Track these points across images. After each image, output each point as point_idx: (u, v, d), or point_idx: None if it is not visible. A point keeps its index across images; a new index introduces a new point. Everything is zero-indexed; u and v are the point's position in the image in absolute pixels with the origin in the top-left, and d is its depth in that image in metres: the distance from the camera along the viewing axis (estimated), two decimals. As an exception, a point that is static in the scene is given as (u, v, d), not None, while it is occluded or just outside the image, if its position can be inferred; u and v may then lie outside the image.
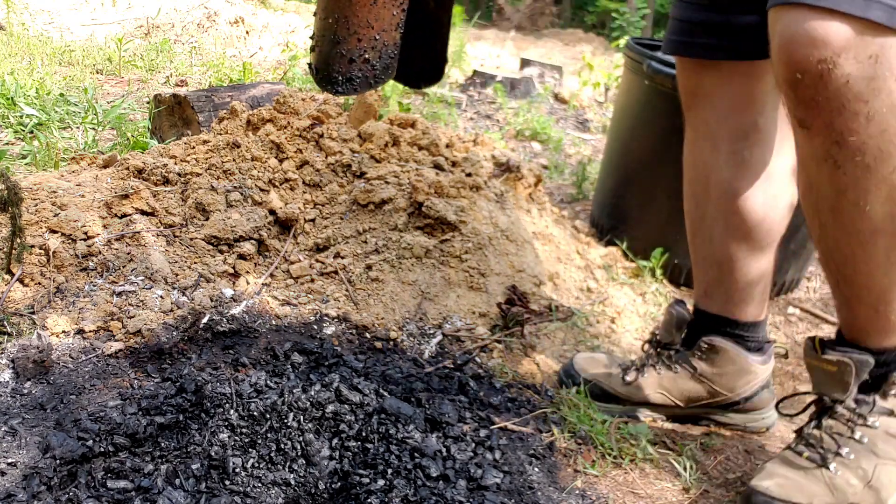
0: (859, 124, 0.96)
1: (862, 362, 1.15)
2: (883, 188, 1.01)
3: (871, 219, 1.04)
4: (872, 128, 0.96)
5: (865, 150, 0.98)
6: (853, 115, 0.96)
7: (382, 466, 1.16)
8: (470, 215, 1.84)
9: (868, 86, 0.94)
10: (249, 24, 5.26)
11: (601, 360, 1.55)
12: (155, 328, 1.39)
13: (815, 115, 0.99)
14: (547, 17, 12.01)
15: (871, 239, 1.06)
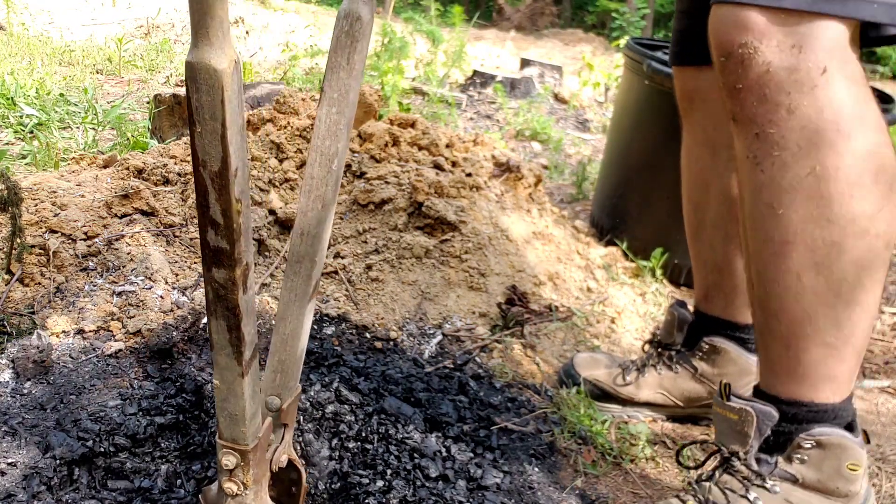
0: (780, 116, 0.92)
1: (764, 413, 1.04)
2: (799, 191, 0.94)
3: (784, 226, 0.97)
4: (793, 122, 0.92)
5: (784, 145, 0.93)
6: (774, 106, 0.92)
7: (382, 467, 1.16)
8: (470, 215, 1.84)
9: (790, 76, 0.90)
10: (249, 24, 5.27)
11: (601, 360, 1.55)
12: (155, 328, 1.39)
13: (739, 105, 0.96)
14: (547, 17, 12.01)
15: (783, 251, 0.98)
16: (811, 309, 0.99)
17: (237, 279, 0.68)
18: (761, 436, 1.06)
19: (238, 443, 0.80)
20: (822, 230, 0.95)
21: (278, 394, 0.90)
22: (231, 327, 0.72)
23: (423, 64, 4.47)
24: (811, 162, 0.92)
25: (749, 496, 1.06)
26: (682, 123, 1.43)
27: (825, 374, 1.02)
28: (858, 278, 0.96)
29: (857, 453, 1.04)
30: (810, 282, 0.98)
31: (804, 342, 1.01)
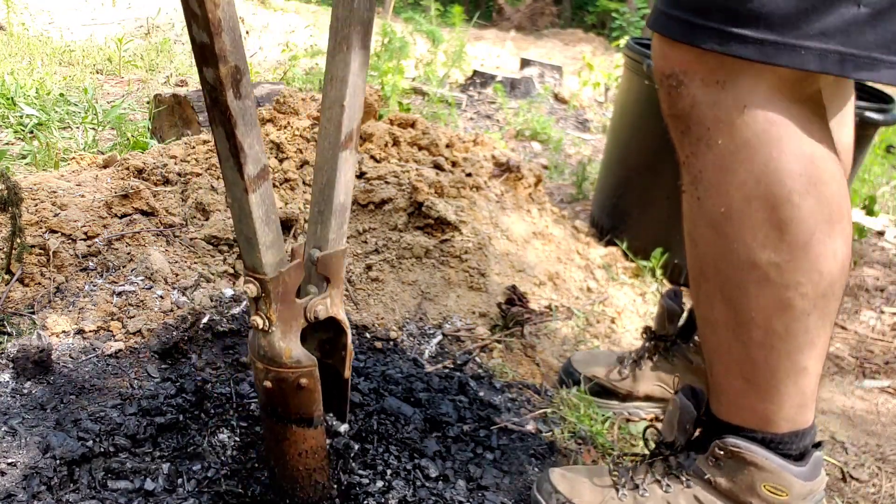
0: (700, 150, 0.91)
1: (685, 408, 1.07)
2: (709, 228, 0.93)
3: (698, 257, 0.97)
4: (710, 157, 0.90)
5: (700, 178, 0.92)
6: (696, 139, 0.91)
7: (382, 467, 1.16)
8: (470, 215, 1.84)
9: (711, 112, 0.88)
10: (249, 24, 5.26)
11: (599, 356, 1.55)
12: (155, 328, 1.39)
13: (672, 131, 0.96)
14: (547, 17, 12.01)
15: (699, 282, 0.99)
16: (724, 340, 0.99)
17: (223, 78, 0.69)
18: (685, 430, 1.09)
19: (257, 271, 0.80)
20: (728, 269, 0.94)
21: (318, 245, 0.88)
22: (228, 134, 0.72)
23: (423, 64, 4.47)
24: (721, 201, 0.91)
25: (663, 481, 1.10)
26: None
27: (749, 407, 1.02)
28: (769, 324, 0.93)
29: (779, 477, 1.02)
30: (721, 315, 0.97)
31: (723, 371, 1.02)
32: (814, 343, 0.95)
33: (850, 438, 1.54)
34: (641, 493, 1.11)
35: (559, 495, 1.12)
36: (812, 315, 0.93)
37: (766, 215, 0.89)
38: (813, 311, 0.92)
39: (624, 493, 1.11)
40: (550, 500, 1.13)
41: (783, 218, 0.88)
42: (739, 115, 0.86)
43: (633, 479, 1.12)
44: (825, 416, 1.64)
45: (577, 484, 1.13)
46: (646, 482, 1.11)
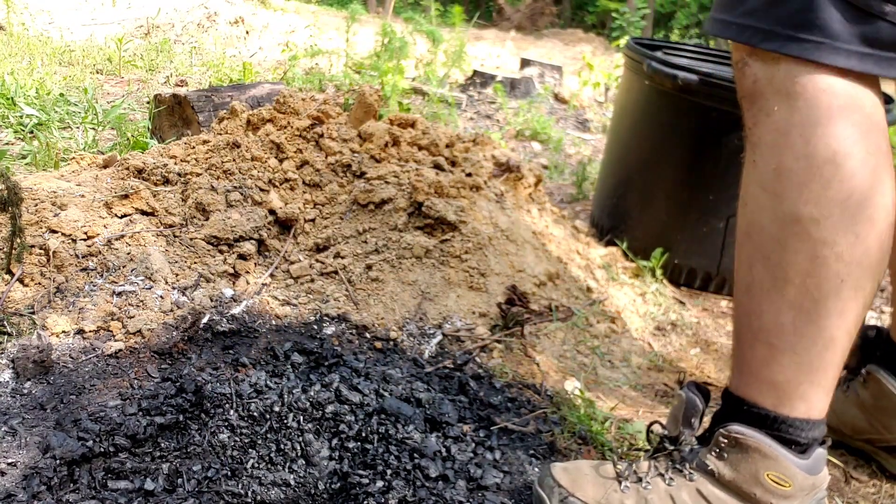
0: (760, 119, 1.02)
1: (690, 402, 1.08)
2: (760, 186, 1.02)
3: (745, 217, 1.05)
4: (769, 124, 1.00)
5: (758, 144, 1.02)
6: (758, 110, 1.02)
7: (382, 467, 1.16)
8: (470, 215, 1.84)
9: (770, 84, 1.00)
10: (249, 24, 5.27)
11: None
12: (155, 328, 1.39)
13: (744, 112, 1.06)
14: (547, 17, 12.01)
15: (743, 241, 1.06)
16: (757, 303, 1.03)
17: None
18: (689, 424, 1.10)
19: None
20: (771, 224, 1.01)
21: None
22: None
23: (423, 64, 4.47)
24: (774, 160, 1.00)
25: (665, 475, 1.10)
26: None
27: (767, 379, 1.04)
28: (803, 283, 0.99)
29: (783, 466, 1.02)
30: (758, 274, 1.03)
31: (749, 337, 1.05)
32: (843, 313, 0.99)
33: (850, 438, 1.54)
34: (644, 486, 1.11)
35: (561, 490, 1.12)
36: (846, 282, 0.98)
37: (811, 172, 0.97)
38: (847, 278, 0.98)
39: (627, 485, 1.11)
40: (553, 494, 1.12)
41: (827, 175, 0.96)
42: (793, 86, 0.98)
43: (636, 473, 1.12)
44: (825, 416, 1.64)
45: (580, 478, 1.13)
46: (649, 475, 1.11)
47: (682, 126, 2.09)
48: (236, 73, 3.66)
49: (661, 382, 1.68)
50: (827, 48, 0.95)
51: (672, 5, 13.10)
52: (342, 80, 3.74)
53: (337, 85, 3.72)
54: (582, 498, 1.11)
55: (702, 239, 2.12)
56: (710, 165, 2.05)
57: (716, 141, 2.02)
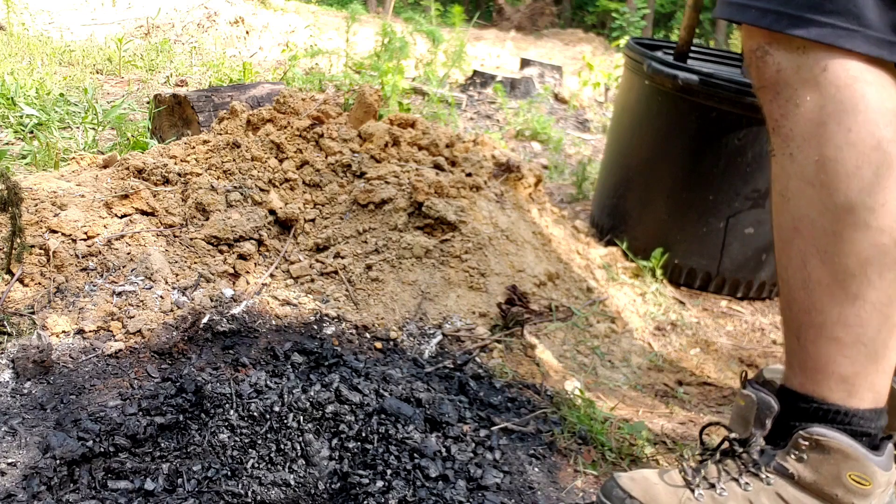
0: (789, 110, 0.99)
1: (764, 403, 1.05)
2: (803, 179, 0.99)
3: (790, 213, 1.02)
4: (799, 115, 0.98)
5: (792, 136, 0.99)
6: (784, 101, 0.99)
7: (382, 467, 1.16)
8: (470, 215, 1.84)
9: (796, 74, 0.97)
10: (249, 24, 5.27)
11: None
12: (155, 328, 1.39)
13: (762, 103, 1.03)
14: (547, 17, 12.01)
15: (791, 237, 1.02)
16: (817, 299, 1.00)
17: None
18: (762, 425, 1.06)
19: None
20: (822, 218, 0.97)
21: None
22: None
23: (423, 64, 4.47)
24: (814, 152, 0.97)
25: (740, 480, 1.07)
26: None
27: (836, 373, 1.01)
28: (864, 273, 0.96)
29: (864, 466, 1.00)
30: (815, 270, 0.99)
31: (812, 333, 1.02)
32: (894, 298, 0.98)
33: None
34: (720, 492, 1.07)
35: (633, 500, 1.08)
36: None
37: (859, 161, 0.94)
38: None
39: (700, 493, 1.08)
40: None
41: (876, 162, 0.94)
42: (822, 73, 0.95)
43: (707, 479, 1.09)
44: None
45: (650, 487, 1.09)
46: (722, 481, 1.08)
47: (682, 126, 2.09)
48: (236, 73, 3.66)
49: (661, 382, 1.68)
50: (860, 36, 0.92)
51: (672, 5, 13.10)
52: (342, 80, 3.74)
53: (337, 85, 3.72)
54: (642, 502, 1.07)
55: (702, 239, 2.12)
56: (710, 165, 2.05)
57: (716, 141, 2.02)
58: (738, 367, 1.81)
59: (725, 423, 1.15)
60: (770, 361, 1.83)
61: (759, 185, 2.03)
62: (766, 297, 2.22)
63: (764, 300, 2.22)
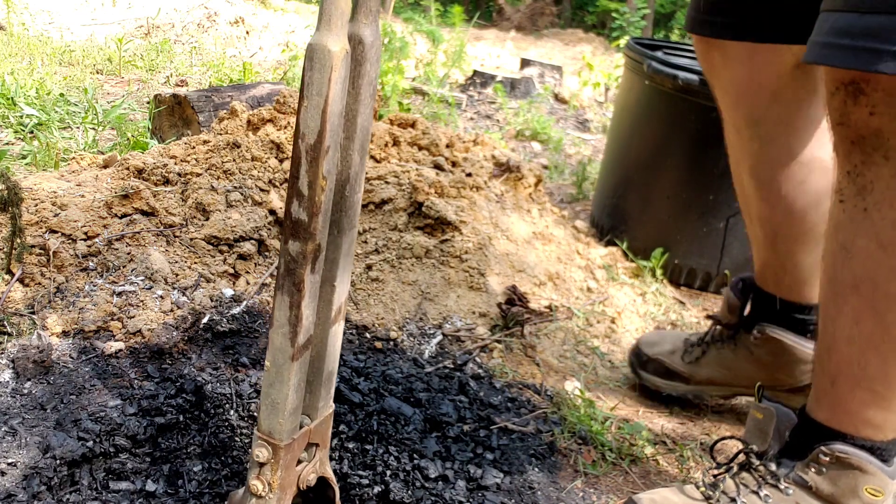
0: (874, 161, 0.91)
1: (785, 415, 1.07)
2: (874, 239, 0.93)
3: (851, 270, 0.97)
4: (885, 170, 0.90)
5: (872, 189, 0.92)
6: (871, 150, 0.91)
7: (381, 467, 1.16)
8: (470, 215, 1.84)
9: (892, 123, 0.88)
10: (249, 24, 5.26)
11: (667, 337, 1.57)
12: (155, 328, 1.39)
13: (839, 140, 0.96)
14: (547, 17, 12.01)
15: (846, 293, 0.98)
16: (862, 355, 0.98)
17: (307, 254, 0.74)
18: (780, 438, 1.07)
19: (273, 436, 0.82)
20: (887, 283, 0.93)
21: (308, 413, 0.90)
22: (293, 304, 0.76)
23: (423, 64, 4.47)
24: (893, 214, 0.90)
25: (760, 492, 1.07)
26: None
27: (867, 419, 1.02)
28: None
29: (880, 480, 1.02)
30: (867, 329, 0.97)
31: (850, 384, 1.01)
32: None
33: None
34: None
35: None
36: None
37: None
38: None
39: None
40: None
41: None
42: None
43: (727, 494, 1.09)
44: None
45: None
46: (742, 494, 1.08)
47: (682, 126, 2.09)
48: (236, 73, 3.66)
49: (661, 382, 1.68)
50: None
51: (672, 5, 13.10)
52: (342, 80, 3.73)
53: (337, 85, 3.71)
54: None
55: (702, 239, 2.12)
56: (711, 165, 2.05)
57: (716, 141, 2.01)
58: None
59: (740, 436, 1.15)
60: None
61: (759, 185, 2.03)
62: (766, 297, 2.22)
63: (764, 300, 2.22)
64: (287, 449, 0.83)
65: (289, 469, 0.85)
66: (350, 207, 0.83)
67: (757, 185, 1.34)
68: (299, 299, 0.76)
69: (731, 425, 1.53)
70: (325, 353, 0.89)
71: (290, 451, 0.84)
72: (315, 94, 0.69)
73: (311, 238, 0.74)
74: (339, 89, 0.69)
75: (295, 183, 0.72)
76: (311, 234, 0.74)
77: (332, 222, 0.83)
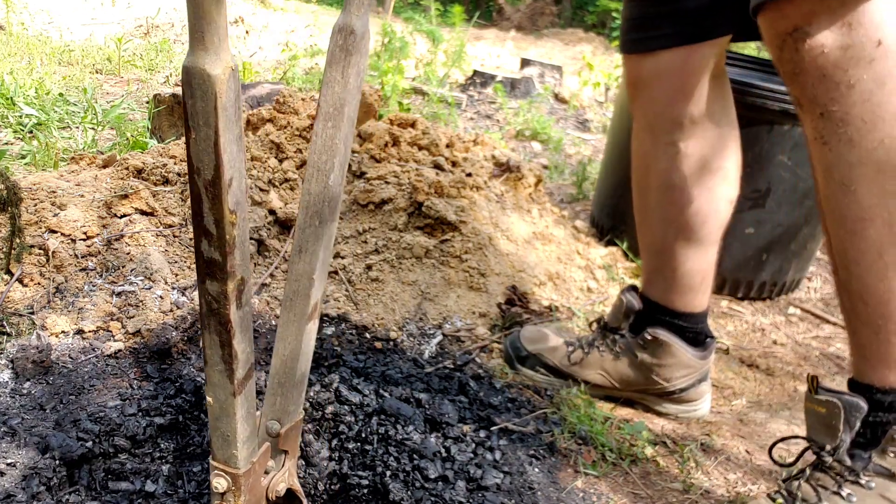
0: (840, 93, 0.92)
1: (852, 405, 1.01)
2: (869, 165, 0.93)
3: (857, 203, 0.95)
4: (854, 96, 0.91)
5: (848, 120, 0.93)
6: (834, 84, 0.92)
7: (381, 468, 1.16)
8: (470, 215, 1.84)
9: (845, 53, 0.90)
10: (249, 23, 5.26)
11: (548, 334, 1.58)
12: (155, 328, 1.39)
13: (800, 89, 0.97)
14: (547, 17, 12.01)
15: (860, 229, 0.96)
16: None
17: (230, 293, 0.68)
18: (851, 429, 1.02)
19: (230, 465, 0.79)
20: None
21: (278, 418, 0.87)
22: (223, 343, 0.72)
23: (423, 64, 4.47)
24: (878, 134, 0.91)
25: (842, 492, 1.03)
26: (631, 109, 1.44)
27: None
28: None
29: None
30: (893, 258, 0.95)
31: (894, 324, 0.98)
32: None
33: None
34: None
35: None
36: None
37: None
38: None
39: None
40: None
41: None
42: (875, 49, 0.88)
43: (807, 501, 1.05)
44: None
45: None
46: (823, 498, 1.04)
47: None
48: (236, 73, 3.65)
49: (661, 383, 1.68)
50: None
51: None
52: (342, 79, 3.73)
53: (337, 85, 3.71)
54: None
55: (702, 239, 2.12)
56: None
57: (716, 141, 2.02)
58: (738, 366, 1.81)
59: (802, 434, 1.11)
60: (770, 361, 1.83)
61: (760, 185, 2.03)
62: (766, 297, 2.22)
63: (764, 300, 2.22)
64: (247, 475, 0.80)
65: (253, 490, 0.83)
66: (332, 198, 0.80)
67: (666, 189, 1.37)
68: (229, 338, 0.71)
69: (732, 427, 1.53)
70: (299, 354, 0.85)
71: (251, 476, 0.81)
72: (202, 124, 0.60)
73: (229, 277, 0.67)
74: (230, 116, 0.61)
75: (200, 221, 0.65)
76: (228, 272, 0.67)
77: (314, 213, 0.80)
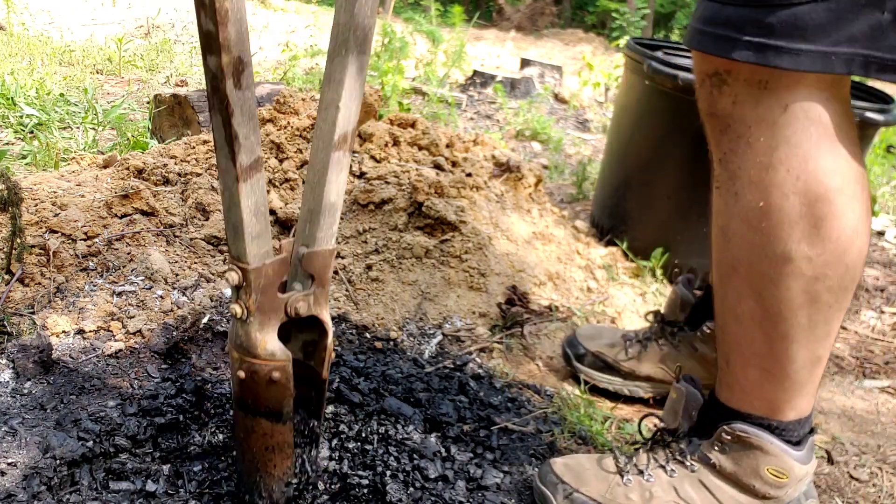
0: (739, 148, 0.96)
1: (692, 396, 1.13)
2: (745, 222, 0.98)
3: (731, 252, 1.02)
4: (750, 155, 0.95)
5: (739, 175, 0.97)
6: (736, 136, 0.95)
7: (381, 468, 1.16)
8: (470, 215, 1.84)
9: (753, 110, 0.92)
10: (249, 24, 5.26)
11: (605, 332, 1.58)
12: (155, 328, 1.39)
13: (710, 130, 1.01)
14: (547, 17, 12.01)
15: (729, 274, 1.03)
16: (748, 333, 1.04)
17: (225, 67, 0.71)
18: (690, 417, 1.13)
19: (240, 259, 0.82)
20: (760, 264, 0.98)
21: (307, 243, 0.89)
22: (224, 122, 0.75)
23: (423, 64, 4.47)
24: (759, 196, 0.95)
25: (667, 467, 1.13)
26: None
27: (762, 398, 1.07)
28: (795, 316, 0.99)
29: (782, 461, 1.07)
30: (748, 308, 1.02)
31: (741, 362, 1.07)
32: (829, 334, 1.01)
33: (851, 438, 1.54)
34: (647, 478, 1.13)
35: (565, 486, 1.13)
36: (833, 307, 0.99)
37: (803, 211, 0.93)
38: (834, 303, 0.98)
39: (629, 478, 1.14)
40: (556, 491, 1.14)
41: (819, 214, 0.93)
42: (781, 114, 0.91)
43: (637, 466, 1.15)
44: (825, 415, 1.64)
45: (582, 472, 1.15)
46: (650, 468, 1.14)
47: (682, 126, 2.09)
48: (236, 73, 3.65)
49: (661, 382, 1.68)
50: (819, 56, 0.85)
51: (672, 5, 13.10)
52: (342, 80, 3.72)
53: (337, 85, 3.71)
54: (587, 493, 1.13)
55: (702, 239, 2.12)
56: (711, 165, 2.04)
57: (716, 141, 2.02)
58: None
59: (660, 414, 1.20)
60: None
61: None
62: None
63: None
64: (257, 272, 0.83)
65: (266, 293, 0.85)
66: (358, 27, 0.81)
67: None
68: (228, 117, 0.74)
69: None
70: (325, 181, 0.87)
71: (261, 275, 0.83)
72: None
73: (224, 49, 0.70)
74: None
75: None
76: (221, 44, 0.70)
77: (341, 42, 0.82)
